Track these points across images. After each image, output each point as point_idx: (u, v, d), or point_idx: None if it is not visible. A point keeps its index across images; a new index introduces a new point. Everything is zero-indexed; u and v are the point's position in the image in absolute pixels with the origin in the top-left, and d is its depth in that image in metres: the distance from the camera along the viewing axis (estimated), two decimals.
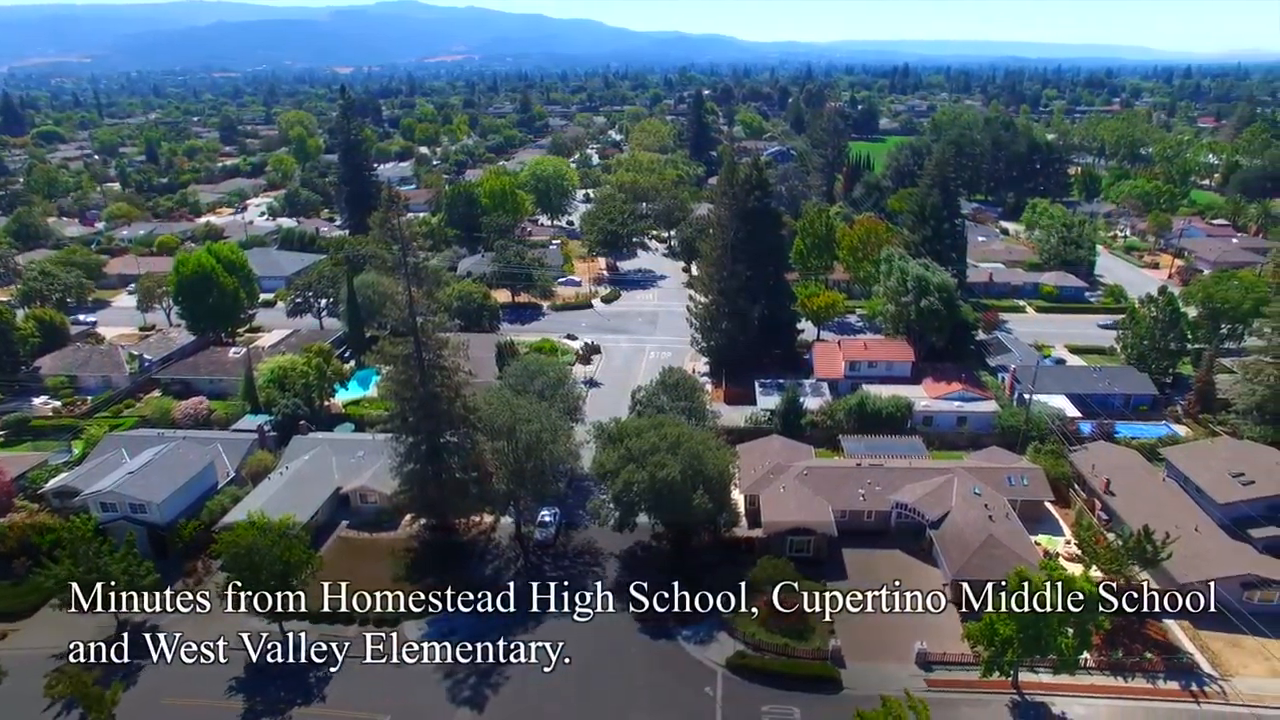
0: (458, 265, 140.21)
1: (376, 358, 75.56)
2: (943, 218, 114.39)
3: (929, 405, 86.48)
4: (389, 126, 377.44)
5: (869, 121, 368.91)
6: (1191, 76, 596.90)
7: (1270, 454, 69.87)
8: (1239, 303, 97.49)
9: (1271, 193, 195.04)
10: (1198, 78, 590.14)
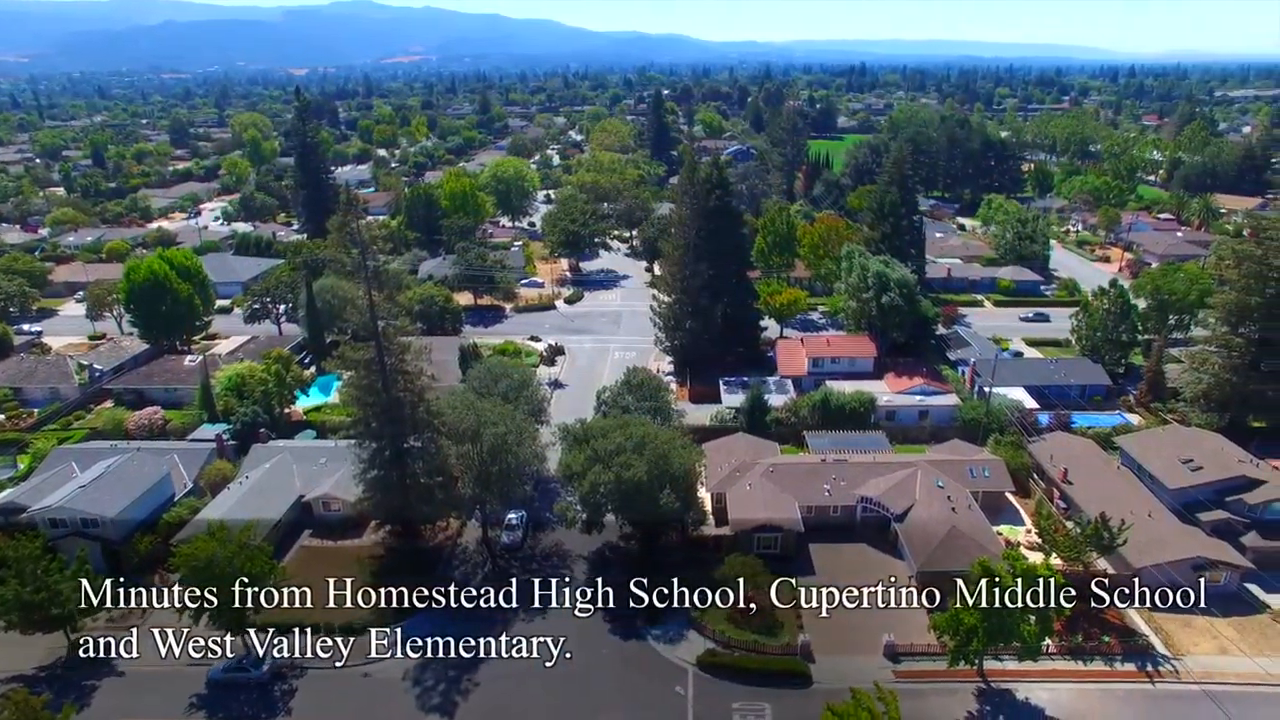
0: (419, 268, 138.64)
1: (337, 363, 74.26)
2: (901, 214, 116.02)
3: (891, 400, 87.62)
4: (346, 128, 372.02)
5: (827, 120, 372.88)
6: (1135, 76, 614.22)
7: (1216, 440, 72.13)
8: (1185, 294, 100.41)
9: (1211, 188, 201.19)
10: (1141, 77, 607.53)
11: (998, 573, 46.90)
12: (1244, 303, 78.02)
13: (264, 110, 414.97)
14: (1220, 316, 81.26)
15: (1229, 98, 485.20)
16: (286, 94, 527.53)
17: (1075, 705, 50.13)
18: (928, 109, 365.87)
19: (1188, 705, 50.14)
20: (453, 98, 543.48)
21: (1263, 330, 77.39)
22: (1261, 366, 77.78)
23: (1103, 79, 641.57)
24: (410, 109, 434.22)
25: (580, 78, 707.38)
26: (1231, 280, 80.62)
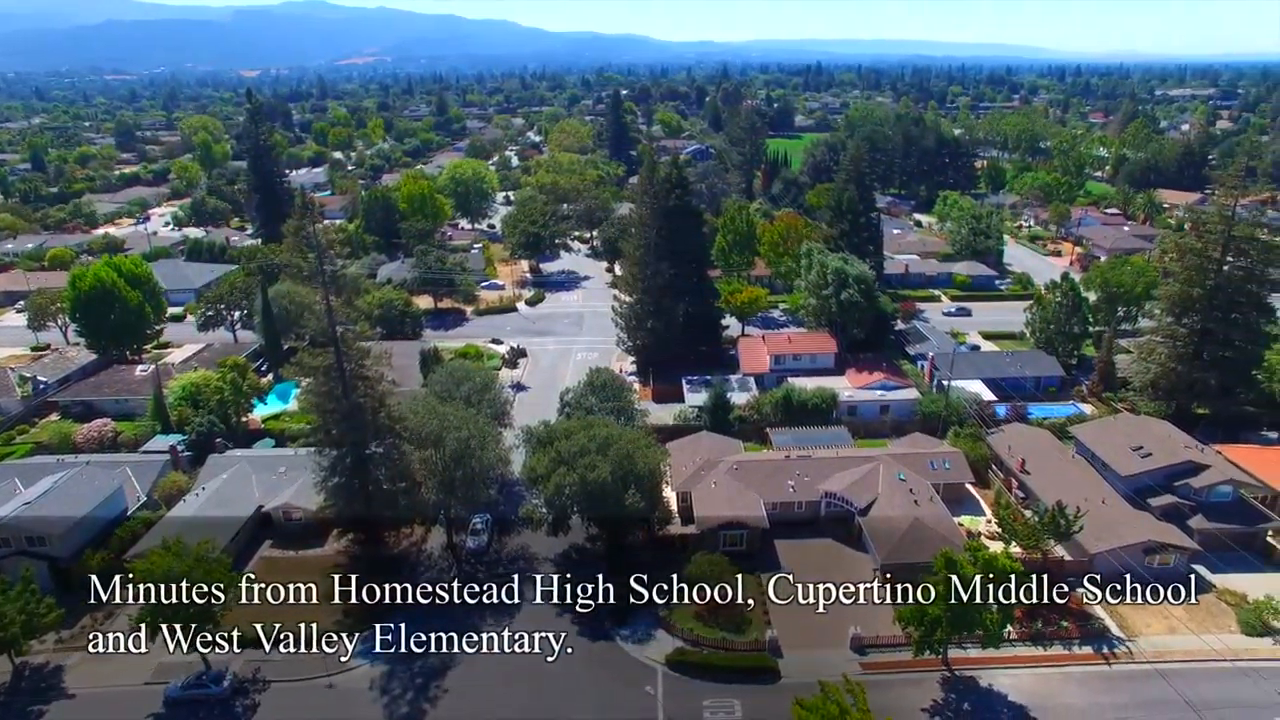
0: (377, 272, 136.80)
1: (295, 370, 73.10)
2: (859, 212, 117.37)
3: (853, 395, 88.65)
4: (300, 131, 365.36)
5: (785, 119, 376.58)
6: (1081, 75, 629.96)
7: (1164, 427, 74.34)
8: (1132, 286, 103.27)
9: (1155, 183, 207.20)
10: (1087, 76, 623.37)
11: (960, 563, 47.77)
12: (1186, 294, 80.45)
13: (214, 113, 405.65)
14: (1165, 308, 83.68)
15: (1168, 96, 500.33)
16: (238, 96, 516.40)
17: (1036, 689, 51.26)
18: (883, 107, 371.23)
19: (1141, 684, 51.62)
20: (409, 99, 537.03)
21: (1204, 320, 79.85)
22: (1204, 355, 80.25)
23: (1051, 78, 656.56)
24: (366, 111, 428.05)
25: (538, 78, 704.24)
26: (1175, 272, 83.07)
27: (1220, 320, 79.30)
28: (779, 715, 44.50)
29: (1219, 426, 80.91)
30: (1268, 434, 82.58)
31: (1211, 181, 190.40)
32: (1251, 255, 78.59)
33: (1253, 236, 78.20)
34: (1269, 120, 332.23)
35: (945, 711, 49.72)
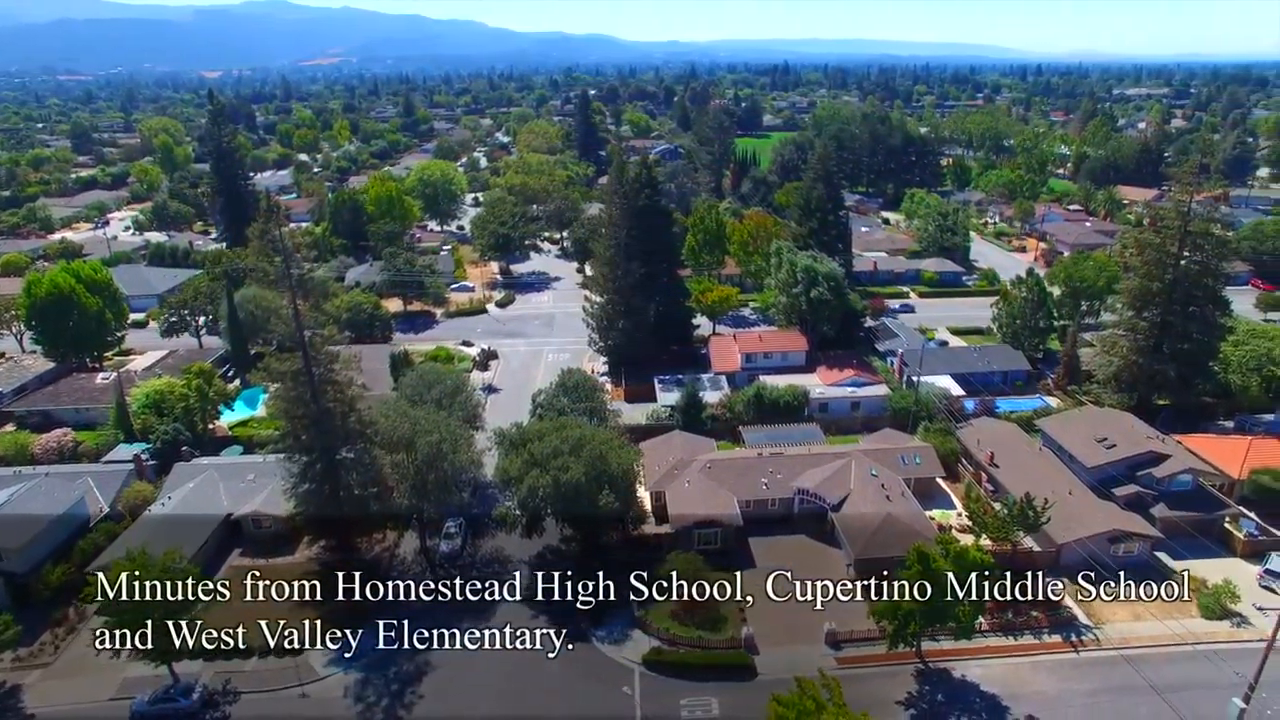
0: (345, 275, 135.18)
1: (263, 375, 72.01)
2: (827, 210, 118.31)
3: (824, 392, 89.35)
4: (265, 133, 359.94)
5: (753, 118, 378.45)
6: (1042, 74, 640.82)
7: (1127, 419, 75.90)
8: (1095, 281, 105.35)
9: (1114, 180, 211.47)
10: (1047, 75, 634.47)
11: (932, 557, 48.35)
12: (1146, 288, 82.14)
13: (175, 114, 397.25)
14: (1126, 302, 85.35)
15: (1126, 95, 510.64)
16: (199, 97, 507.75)
17: (1008, 678, 52.06)
18: (850, 106, 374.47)
19: (1108, 669, 52.70)
20: (375, 100, 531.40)
21: (1163, 314, 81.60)
22: (1163, 348, 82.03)
23: (1013, 77, 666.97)
24: (331, 112, 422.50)
25: (505, 79, 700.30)
26: (1135, 267, 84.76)
27: (1178, 314, 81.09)
28: (756, 712, 44.68)
29: (1178, 417, 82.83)
30: (1224, 423, 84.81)
31: (1168, 178, 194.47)
32: (1206, 250, 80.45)
33: (1207, 232, 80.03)
34: (1220, 119, 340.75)
35: (920, 703, 50.30)
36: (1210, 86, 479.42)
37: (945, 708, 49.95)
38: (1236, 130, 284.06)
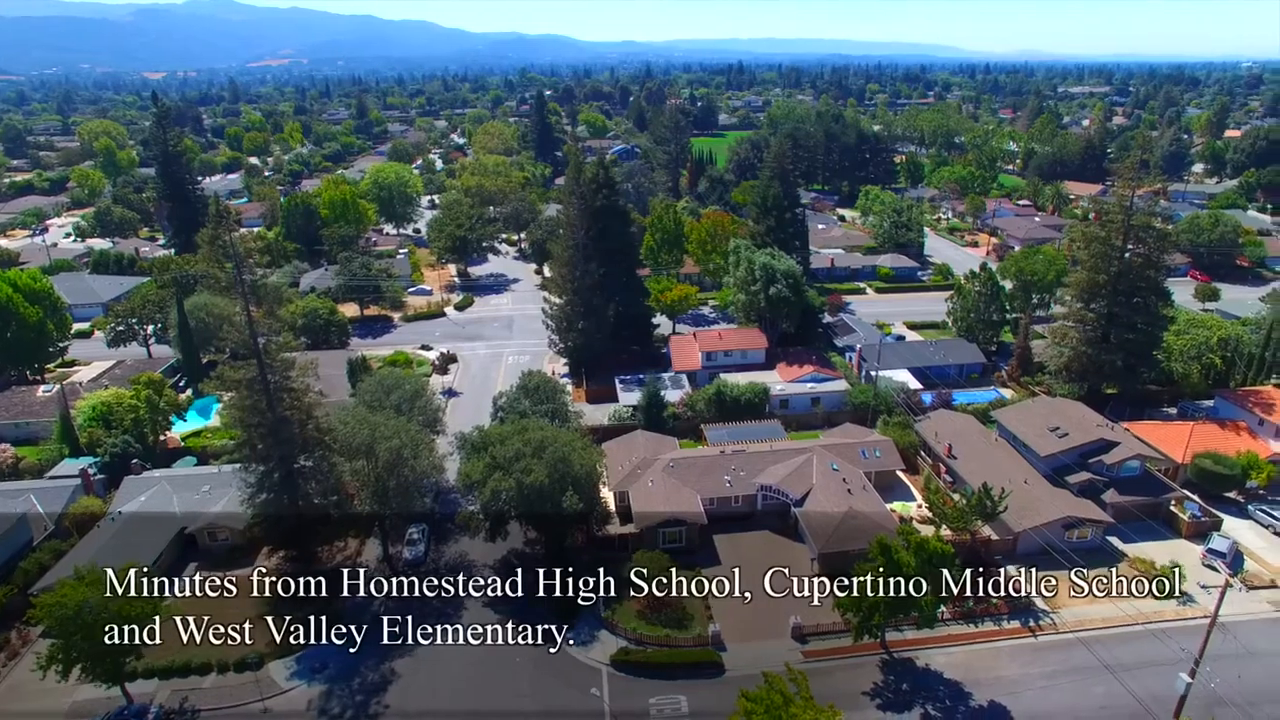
0: (300, 281, 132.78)
1: (216, 384, 70.12)
2: (784, 207, 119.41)
3: (784, 389, 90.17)
4: (213, 136, 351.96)
5: (709, 117, 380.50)
6: (990, 73, 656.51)
7: (1078, 408, 77.87)
8: (1044, 274, 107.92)
9: (1061, 175, 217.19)
10: (995, 74, 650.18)
11: (894, 549, 49.07)
12: (1093, 280, 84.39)
13: (116, 117, 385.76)
14: (1074, 294, 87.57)
15: (1070, 94, 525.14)
16: (142, 99, 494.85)
17: (970, 664, 53.12)
18: (804, 105, 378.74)
19: (1065, 652, 54.12)
20: (327, 102, 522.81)
21: (1110, 305, 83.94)
22: (1110, 338, 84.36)
23: (962, 75, 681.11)
24: (282, 115, 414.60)
25: (460, 80, 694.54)
26: (1082, 260, 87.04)
27: (1124, 305, 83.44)
28: (725, 708, 44.90)
29: (1126, 405, 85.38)
30: (1168, 410, 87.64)
31: (1111, 174, 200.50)
32: (1148, 243, 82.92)
33: (1149, 225, 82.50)
34: (1157, 117, 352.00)
35: (885, 693, 51.03)
36: (1147, 86, 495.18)
37: (910, 696, 50.75)
38: (1172, 128, 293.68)
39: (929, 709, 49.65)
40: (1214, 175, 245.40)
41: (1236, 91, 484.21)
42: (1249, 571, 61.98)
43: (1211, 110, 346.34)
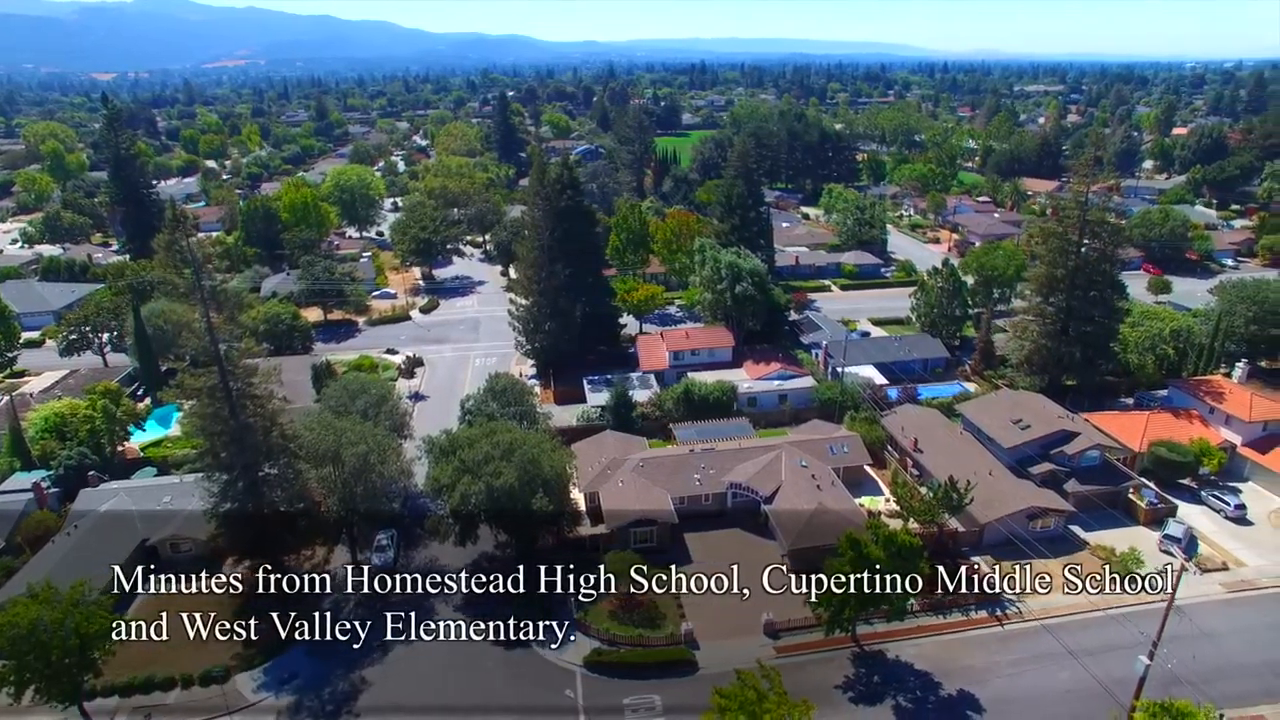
0: (261, 285, 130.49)
1: (176, 392, 68.73)
2: (748, 206, 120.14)
3: (752, 387, 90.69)
4: (167, 139, 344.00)
5: (672, 117, 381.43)
6: (948, 71, 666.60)
7: (1040, 400, 79.48)
8: (1004, 270, 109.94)
9: (1019, 172, 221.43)
10: (953, 73, 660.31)
11: (863, 543, 49.60)
12: (1051, 275, 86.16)
13: (64, 119, 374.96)
14: (1034, 288, 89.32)
15: (1025, 92, 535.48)
16: (91, 100, 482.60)
17: (939, 655, 53.92)
18: (767, 104, 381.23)
19: (1031, 640, 55.22)
20: (286, 104, 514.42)
21: (1068, 299, 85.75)
22: (1069, 331, 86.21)
23: (921, 74, 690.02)
24: (240, 117, 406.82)
25: (421, 81, 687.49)
26: (1040, 255, 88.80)
27: (1081, 298, 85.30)
28: (699, 706, 45.03)
29: (1085, 396, 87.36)
30: (1125, 400, 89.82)
31: (1067, 171, 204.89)
32: (1104, 237, 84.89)
33: (1104, 220, 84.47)
34: (1109, 115, 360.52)
35: (857, 686, 51.60)
36: (1099, 84, 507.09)
37: (881, 688, 51.36)
38: (1124, 125, 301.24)
39: (900, 700, 50.31)
40: (1163, 172, 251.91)
41: (1182, 91, 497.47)
42: (1202, 555, 63.79)
43: (1159, 109, 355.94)
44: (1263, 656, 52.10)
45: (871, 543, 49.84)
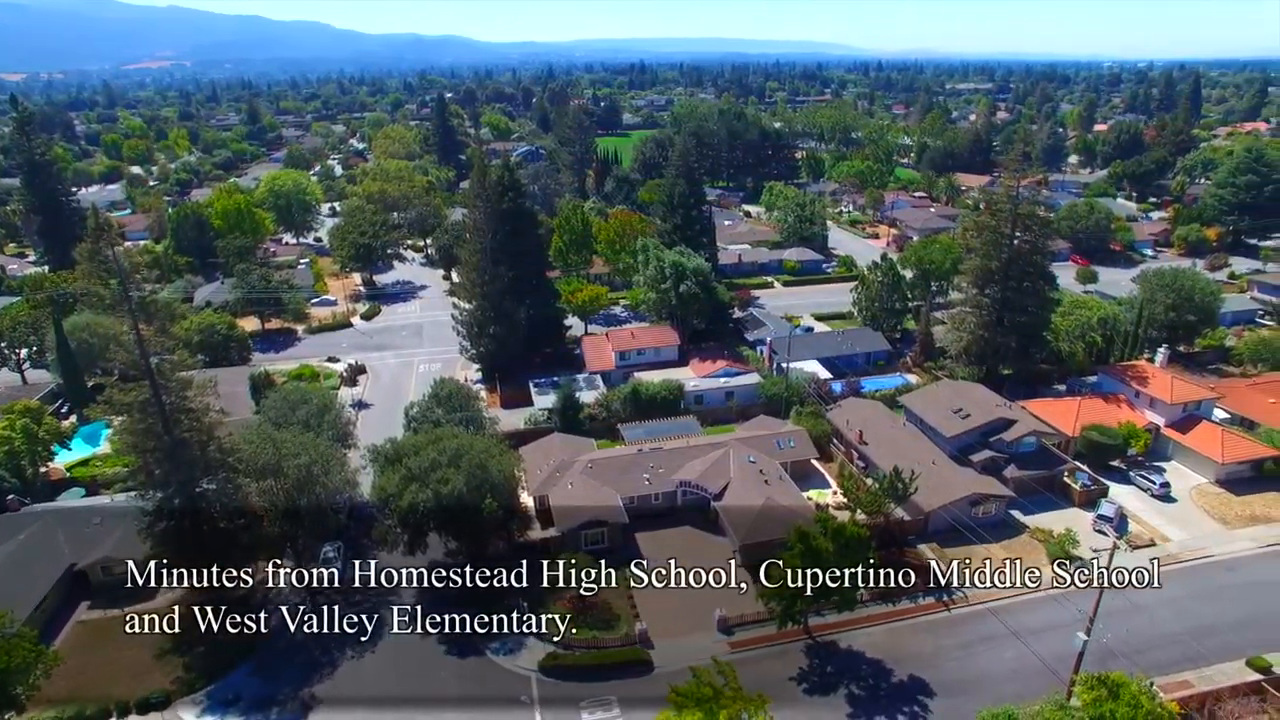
0: (194, 295, 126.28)
1: (105, 409, 65.92)
2: (691, 205, 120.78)
3: (698, 384, 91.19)
4: (87, 144, 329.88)
5: (613, 117, 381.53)
6: (883, 70, 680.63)
7: (978, 389, 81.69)
8: (941, 263, 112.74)
9: (952, 168, 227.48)
10: (887, 71, 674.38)
11: (812, 536, 50.27)
12: (986, 267, 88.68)
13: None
14: (970, 280, 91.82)
15: (957, 90, 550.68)
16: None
17: (889, 642, 55.02)
18: (707, 104, 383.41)
19: (976, 623, 56.84)
20: (216, 107, 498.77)
21: (1002, 290, 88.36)
22: (1004, 322, 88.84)
23: (857, 73, 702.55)
24: (166, 120, 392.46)
25: (357, 83, 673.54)
26: (975, 248, 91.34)
27: (1015, 289, 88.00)
28: (656, 705, 45.05)
29: (1021, 384, 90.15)
30: (1058, 387, 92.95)
31: (998, 166, 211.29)
32: (1034, 230, 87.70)
33: (1033, 214, 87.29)
34: (1035, 111, 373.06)
35: (811, 677, 52.29)
36: (1025, 83, 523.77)
37: (835, 678, 52.14)
38: (1049, 122, 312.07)
39: (853, 689, 51.16)
40: (1087, 166, 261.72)
41: (1101, 89, 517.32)
42: (1132, 533, 66.47)
43: (1081, 106, 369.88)
44: (1187, 625, 54.60)
45: (820, 535, 50.55)
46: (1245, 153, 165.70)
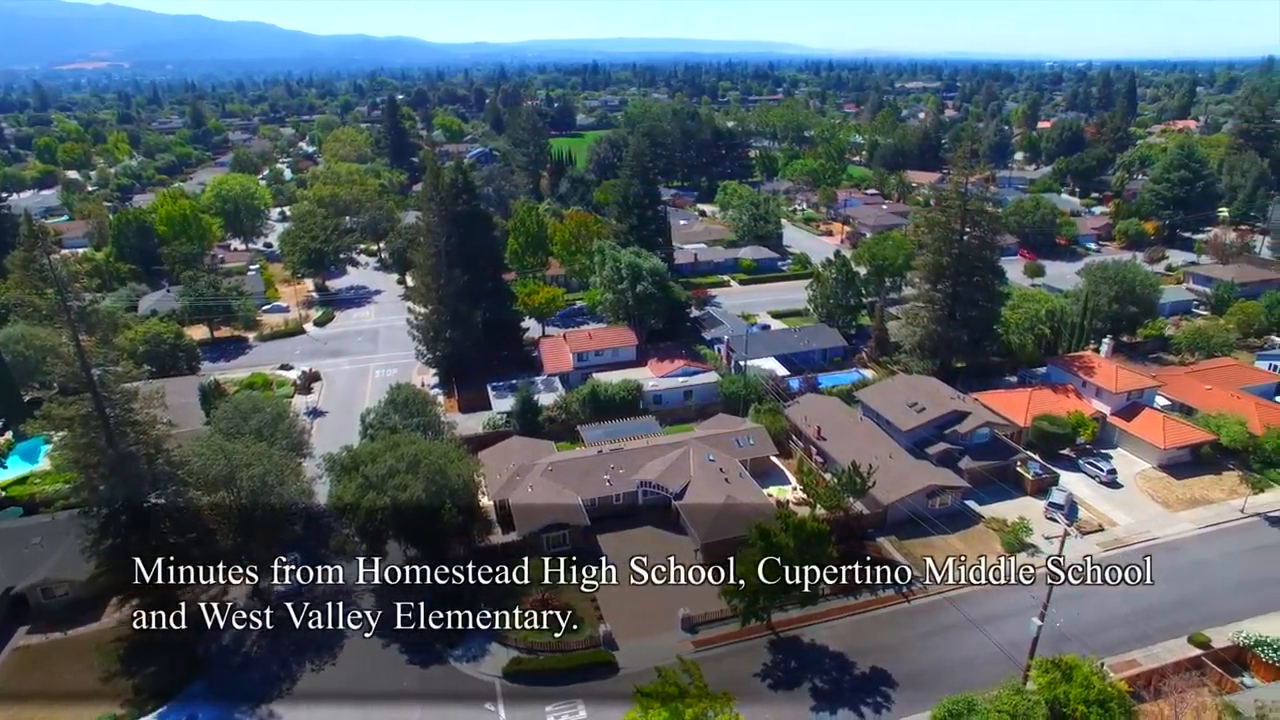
0: (139, 304, 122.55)
1: (43, 424, 63.58)
2: (645, 205, 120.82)
3: (657, 384, 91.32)
4: (18, 147, 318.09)
5: (566, 118, 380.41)
6: (833, 69, 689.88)
7: (932, 383, 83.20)
8: (894, 259, 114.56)
9: (903, 165, 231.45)
10: (838, 70, 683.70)
11: (773, 532, 50.66)
12: (937, 263, 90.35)
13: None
14: (922, 276, 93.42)
15: (906, 89, 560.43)
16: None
17: (852, 635, 55.71)
18: (660, 104, 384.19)
19: (937, 613, 57.84)
20: (158, 110, 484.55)
21: (954, 285, 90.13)
22: (956, 316, 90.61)
23: (808, 73, 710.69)
24: (104, 124, 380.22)
25: (306, 85, 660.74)
26: (927, 244, 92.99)
27: (965, 284, 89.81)
28: (623, 706, 44.99)
29: (973, 377, 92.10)
30: (1009, 379, 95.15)
31: (947, 163, 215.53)
32: (983, 225, 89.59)
33: (982, 209, 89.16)
34: (981, 110, 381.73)
35: (775, 673, 52.69)
36: (971, 82, 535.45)
37: (799, 673, 52.62)
38: (995, 120, 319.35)
39: (817, 683, 51.68)
40: (1032, 163, 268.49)
41: (1044, 87, 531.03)
42: (1082, 520, 68.31)
43: (1025, 105, 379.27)
44: (1133, 606, 56.19)
45: (781, 532, 50.96)
46: (1178, 150, 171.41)
